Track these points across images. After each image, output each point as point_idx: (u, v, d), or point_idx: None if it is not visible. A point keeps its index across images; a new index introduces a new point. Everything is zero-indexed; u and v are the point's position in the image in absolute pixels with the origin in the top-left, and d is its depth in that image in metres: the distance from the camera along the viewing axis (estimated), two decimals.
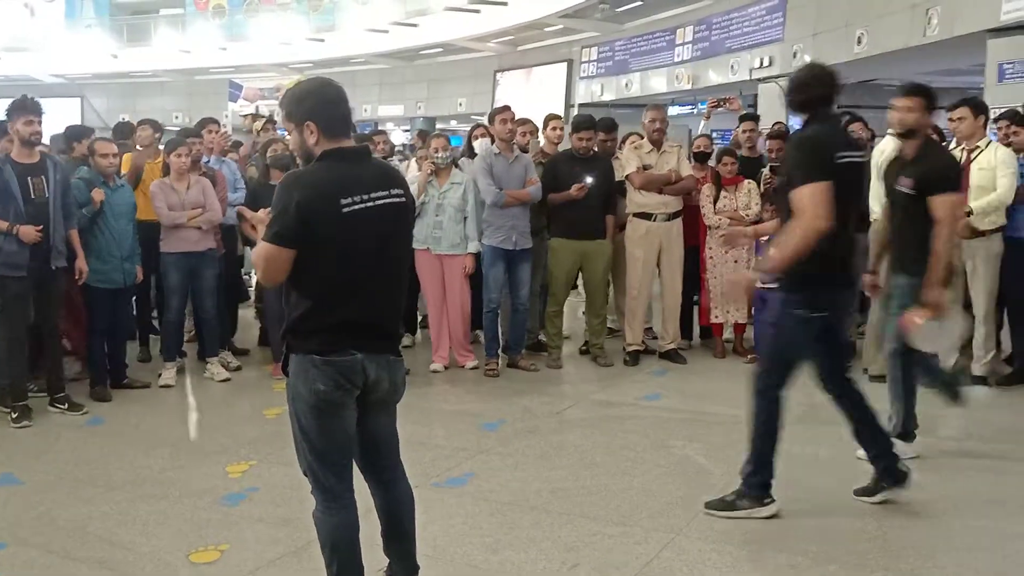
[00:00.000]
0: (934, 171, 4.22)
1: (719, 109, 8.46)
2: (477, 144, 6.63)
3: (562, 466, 4.59)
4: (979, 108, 5.81)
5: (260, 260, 2.82)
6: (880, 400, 5.74)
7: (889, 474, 4.00)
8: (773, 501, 3.89)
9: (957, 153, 5.82)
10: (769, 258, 3.76)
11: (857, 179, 3.86)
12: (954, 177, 4.31)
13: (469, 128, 7.40)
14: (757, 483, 3.89)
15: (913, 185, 4.21)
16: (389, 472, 3.05)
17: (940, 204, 4.12)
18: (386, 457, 3.04)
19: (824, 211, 3.53)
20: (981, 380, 5.80)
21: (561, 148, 6.89)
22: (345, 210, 2.72)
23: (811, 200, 3.55)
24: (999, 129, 6.54)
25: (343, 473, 2.90)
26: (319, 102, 2.80)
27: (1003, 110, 6.69)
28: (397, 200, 2.85)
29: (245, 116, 9.71)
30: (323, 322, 2.80)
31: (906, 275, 4.29)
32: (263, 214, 4.96)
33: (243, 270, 7.61)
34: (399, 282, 2.97)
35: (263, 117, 8.39)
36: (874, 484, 4.05)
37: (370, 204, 2.76)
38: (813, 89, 3.80)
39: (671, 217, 6.48)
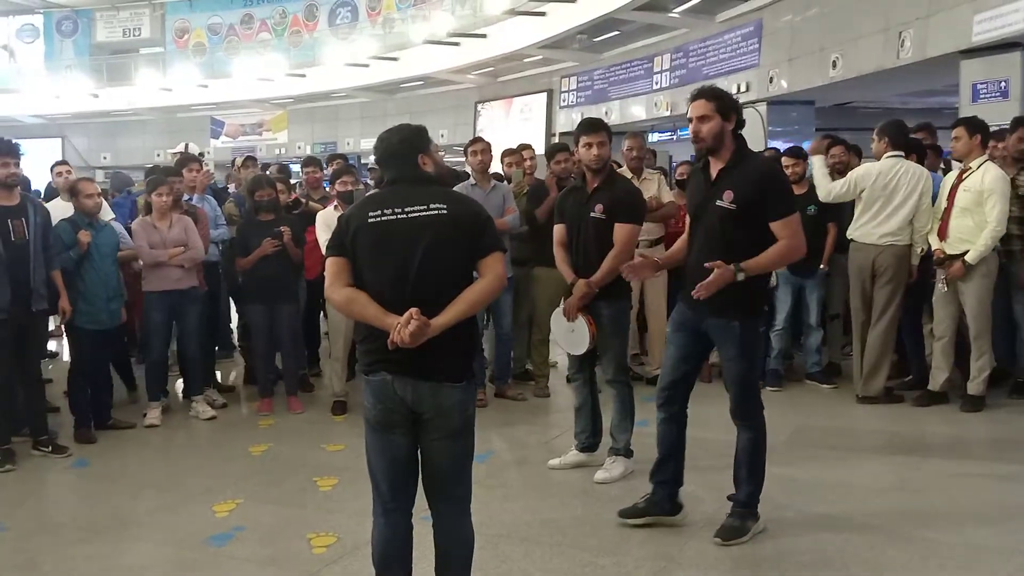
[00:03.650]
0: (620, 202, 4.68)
1: None
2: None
3: (552, 496, 4.57)
4: (975, 127, 5.78)
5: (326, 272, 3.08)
6: (859, 417, 5.79)
7: (667, 503, 4.12)
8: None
9: (953, 174, 5.84)
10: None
11: None
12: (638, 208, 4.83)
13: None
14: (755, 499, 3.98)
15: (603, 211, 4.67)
16: (443, 503, 3.04)
17: (619, 231, 4.62)
18: (440, 486, 3.03)
19: None
20: (975, 400, 5.77)
21: (539, 175, 6.97)
22: (371, 220, 2.94)
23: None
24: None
25: (387, 492, 3.01)
26: (376, 151, 3.15)
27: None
28: (435, 213, 2.93)
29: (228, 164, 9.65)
30: (362, 339, 3.01)
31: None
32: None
33: None
34: (441, 298, 2.86)
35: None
36: (646, 506, 4.14)
37: (400, 216, 2.93)
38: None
39: (653, 244, 6.52)
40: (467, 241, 2.95)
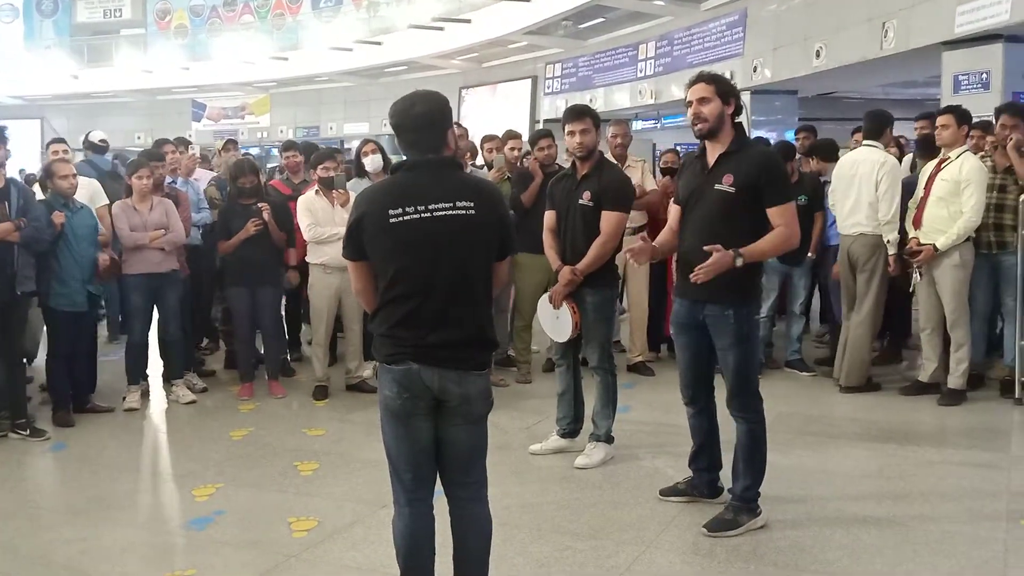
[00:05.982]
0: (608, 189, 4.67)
1: None
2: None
3: (532, 481, 4.59)
4: (963, 117, 5.76)
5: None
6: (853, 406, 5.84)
7: (706, 487, 4.23)
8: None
9: (931, 163, 5.86)
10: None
11: None
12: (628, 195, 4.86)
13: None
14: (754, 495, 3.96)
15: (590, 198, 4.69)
16: (460, 489, 3.00)
17: (606, 218, 4.64)
18: (458, 472, 2.98)
19: None
20: (955, 394, 5.77)
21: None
22: (392, 220, 2.78)
23: None
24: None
25: (411, 482, 2.92)
26: (395, 117, 3.00)
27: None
28: (462, 212, 2.80)
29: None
30: (384, 331, 2.86)
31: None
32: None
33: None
34: (467, 295, 2.85)
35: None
36: (686, 487, 4.28)
37: (424, 215, 2.77)
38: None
39: (635, 231, 6.52)
40: (493, 242, 2.92)
